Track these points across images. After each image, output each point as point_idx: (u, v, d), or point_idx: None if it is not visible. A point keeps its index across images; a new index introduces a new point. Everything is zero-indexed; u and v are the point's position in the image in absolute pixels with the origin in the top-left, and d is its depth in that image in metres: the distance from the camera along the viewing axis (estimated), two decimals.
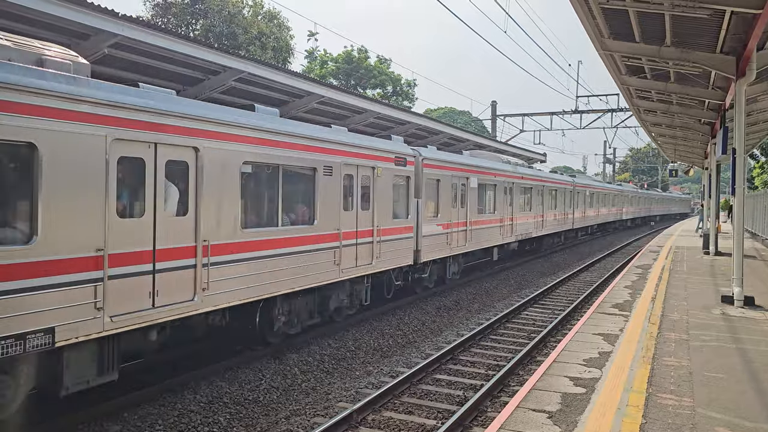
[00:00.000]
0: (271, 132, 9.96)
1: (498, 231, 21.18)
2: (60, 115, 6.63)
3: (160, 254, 7.88)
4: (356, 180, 12.50)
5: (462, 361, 11.03)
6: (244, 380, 9.46)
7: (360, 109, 18.43)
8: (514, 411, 6.26)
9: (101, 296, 7.04)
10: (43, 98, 6.45)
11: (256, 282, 9.62)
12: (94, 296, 6.97)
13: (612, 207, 45.05)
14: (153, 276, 7.77)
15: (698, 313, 11.38)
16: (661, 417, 6.02)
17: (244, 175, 9.48)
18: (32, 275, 6.34)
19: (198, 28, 37.57)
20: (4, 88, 6.10)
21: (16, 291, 6.20)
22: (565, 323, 14.03)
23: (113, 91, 7.39)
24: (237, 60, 13.15)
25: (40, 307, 6.40)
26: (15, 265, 6.20)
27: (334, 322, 12.77)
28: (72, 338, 6.75)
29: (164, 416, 7.98)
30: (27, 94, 6.30)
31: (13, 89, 6.18)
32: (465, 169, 18.32)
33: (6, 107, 6.12)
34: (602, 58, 13.05)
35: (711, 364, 7.96)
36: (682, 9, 9.42)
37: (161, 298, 7.88)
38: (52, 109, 6.55)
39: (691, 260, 20.99)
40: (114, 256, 7.22)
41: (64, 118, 6.67)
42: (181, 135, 8.23)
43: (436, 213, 16.34)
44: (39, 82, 6.45)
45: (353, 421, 7.88)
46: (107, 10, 10.12)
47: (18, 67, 6.40)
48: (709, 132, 20.86)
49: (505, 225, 21.79)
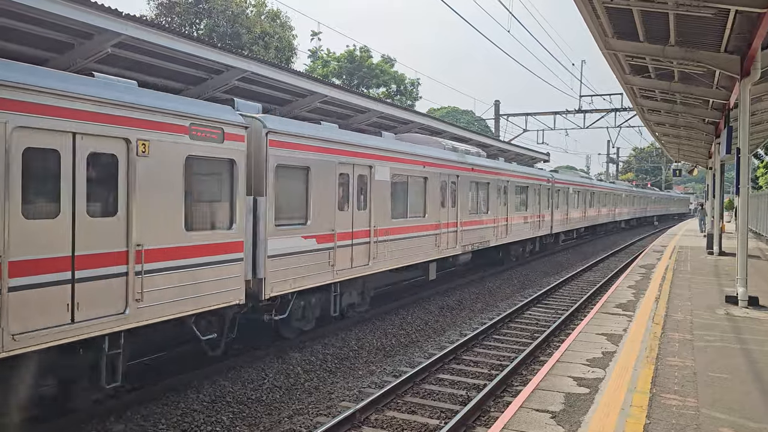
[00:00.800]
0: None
1: (433, 241, 16.04)
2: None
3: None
4: (72, 161, 6.95)
5: (465, 361, 11.02)
6: (247, 379, 9.47)
7: (363, 109, 18.42)
8: (517, 411, 6.25)
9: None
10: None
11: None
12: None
13: (602, 207, 40.16)
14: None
15: (702, 313, 11.35)
16: (665, 417, 6.00)
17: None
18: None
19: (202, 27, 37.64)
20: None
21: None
22: (568, 323, 14.01)
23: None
24: (240, 59, 13.15)
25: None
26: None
27: (338, 322, 12.76)
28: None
29: (167, 415, 7.99)
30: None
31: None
32: (363, 154, 12.81)
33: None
34: (606, 57, 13.01)
35: (715, 364, 7.94)
36: (686, 8, 9.38)
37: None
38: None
39: (694, 260, 20.93)
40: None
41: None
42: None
43: (304, 219, 11.03)
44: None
45: (356, 420, 7.88)
46: (111, 9, 10.12)
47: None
48: (713, 131, 20.79)
49: (442, 233, 16.55)
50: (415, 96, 57.18)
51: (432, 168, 15.99)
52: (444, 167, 16.76)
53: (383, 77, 53.93)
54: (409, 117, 21.17)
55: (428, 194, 15.85)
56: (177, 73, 12.92)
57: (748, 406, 6.38)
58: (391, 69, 55.27)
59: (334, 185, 11.71)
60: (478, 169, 19.28)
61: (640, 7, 9.92)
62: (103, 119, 7.12)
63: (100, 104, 7.10)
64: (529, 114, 40.46)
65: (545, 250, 29.12)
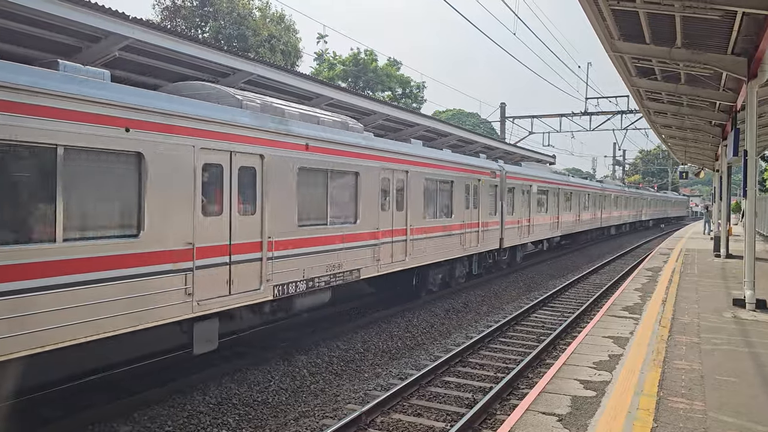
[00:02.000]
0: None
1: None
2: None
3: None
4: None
5: (471, 364, 11.00)
6: (253, 381, 9.48)
7: (369, 111, 18.45)
8: (523, 414, 6.24)
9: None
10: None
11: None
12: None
13: (583, 211, 32.36)
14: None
15: (709, 316, 11.30)
16: (672, 421, 5.97)
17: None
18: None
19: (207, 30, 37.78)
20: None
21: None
22: (574, 326, 13.97)
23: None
24: (246, 62, 13.21)
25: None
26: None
27: (343, 324, 12.76)
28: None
29: (174, 417, 8.01)
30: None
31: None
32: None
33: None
34: (612, 59, 12.99)
35: (722, 367, 7.90)
36: (693, 10, 9.36)
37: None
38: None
39: (701, 263, 20.84)
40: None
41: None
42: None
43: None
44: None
45: (362, 423, 7.88)
46: (118, 13, 10.19)
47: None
48: (720, 134, 20.72)
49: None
50: (421, 99, 57.26)
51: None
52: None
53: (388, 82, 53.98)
54: (414, 119, 21.18)
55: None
56: (183, 76, 12.98)
57: (755, 409, 6.34)
58: (396, 72, 55.35)
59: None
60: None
61: (646, 9, 9.90)
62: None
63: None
64: (535, 116, 40.38)
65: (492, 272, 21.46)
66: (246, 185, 9.31)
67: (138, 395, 8.40)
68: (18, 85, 6.27)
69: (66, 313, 6.64)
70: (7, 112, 6.17)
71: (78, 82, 6.98)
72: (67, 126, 6.71)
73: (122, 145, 7.32)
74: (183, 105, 8.30)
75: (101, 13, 9.87)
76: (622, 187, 49.52)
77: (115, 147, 7.25)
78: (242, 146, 9.17)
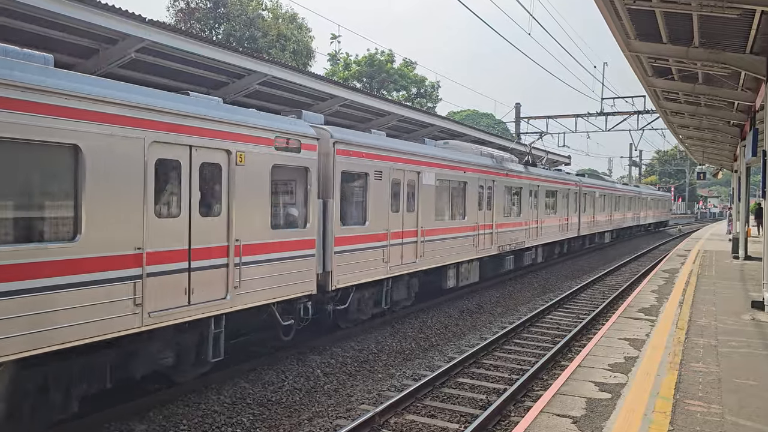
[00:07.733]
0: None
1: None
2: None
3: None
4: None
5: (485, 365, 10.96)
6: (267, 381, 9.52)
7: (383, 112, 18.47)
8: (538, 416, 6.20)
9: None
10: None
11: None
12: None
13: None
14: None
15: (727, 318, 11.16)
16: (688, 424, 5.91)
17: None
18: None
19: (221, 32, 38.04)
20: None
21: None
22: (590, 327, 13.86)
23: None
24: (261, 63, 13.28)
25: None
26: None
27: (356, 325, 12.77)
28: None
29: (189, 416, 8.06)
30: None
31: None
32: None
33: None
34: (628, 59, 12.89)
35: (740, 370, 7.80)
36: (710, 9, 9.25)
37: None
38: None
39: (719, 265, 20.59)
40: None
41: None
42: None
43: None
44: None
45: (375, 423, 7.88)
46: (135, 15, 10.30)
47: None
48: (738, 134, 20.47)
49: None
50: (436, 98, 57.16)
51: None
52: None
53: (401, 81, 53.93)
54: (428, 120, 21.17)
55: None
56: (198, 77, 13.09)
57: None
58: (411, 72, 55.29)
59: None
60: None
61: (663, 9, 9.81)
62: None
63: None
64: (550, 117, 40.07)
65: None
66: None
67: (153, 394, 8.48)
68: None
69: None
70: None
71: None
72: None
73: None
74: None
75: (118, 16, 9.99)
76: (615, 182, 44.97)
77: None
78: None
